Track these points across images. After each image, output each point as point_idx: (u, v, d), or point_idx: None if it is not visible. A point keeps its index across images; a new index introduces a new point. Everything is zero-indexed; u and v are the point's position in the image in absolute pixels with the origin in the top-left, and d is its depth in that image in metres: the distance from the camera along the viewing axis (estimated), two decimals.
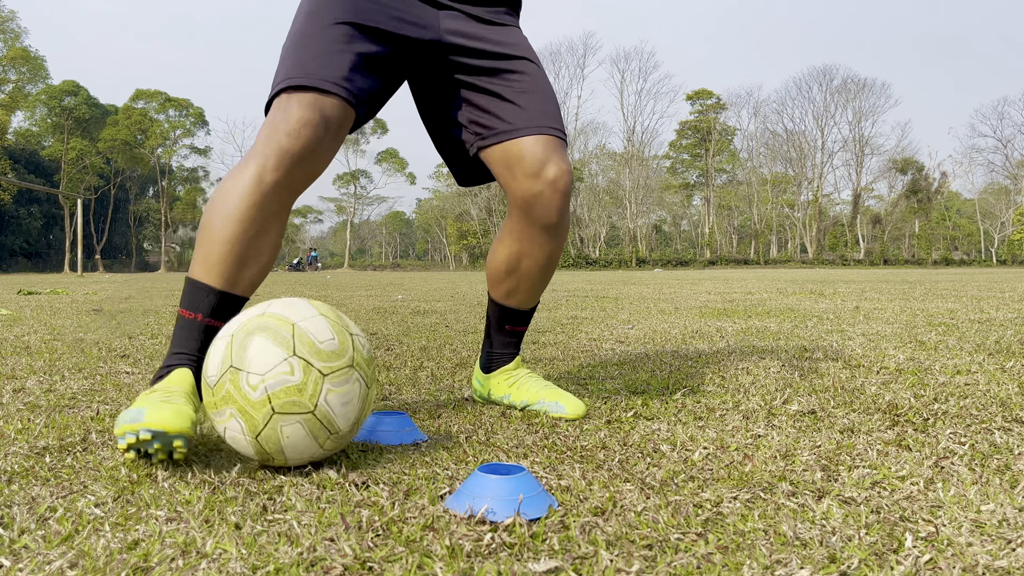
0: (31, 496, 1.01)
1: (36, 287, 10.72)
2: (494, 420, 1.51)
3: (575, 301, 6.34)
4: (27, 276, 28.68)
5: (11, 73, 51.01)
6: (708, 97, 62.34)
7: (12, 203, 46.78)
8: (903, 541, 0.85)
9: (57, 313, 4.97)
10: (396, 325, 3.95)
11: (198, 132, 59.92)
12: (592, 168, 61.50)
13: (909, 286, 9.64)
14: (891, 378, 1.99)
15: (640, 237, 59.81)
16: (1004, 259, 57.96)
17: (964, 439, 1.31)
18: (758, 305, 5.53)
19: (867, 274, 20.90)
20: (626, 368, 2.24)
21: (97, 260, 53.08)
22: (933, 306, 5.23)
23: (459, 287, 10.55)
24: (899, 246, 64.65)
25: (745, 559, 0.80)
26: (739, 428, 1.41)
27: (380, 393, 1.81)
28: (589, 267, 48.65)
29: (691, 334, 3.31)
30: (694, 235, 70.86)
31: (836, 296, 6.88)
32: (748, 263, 54.22)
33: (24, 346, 2.90)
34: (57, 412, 1.58)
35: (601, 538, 0.86)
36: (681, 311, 4.93)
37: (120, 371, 2.21)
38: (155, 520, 0.92)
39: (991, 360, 2.32)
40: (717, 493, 1.02)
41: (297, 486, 1.05)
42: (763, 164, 63.79)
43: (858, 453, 1.23)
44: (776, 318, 4.22)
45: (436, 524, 0.90)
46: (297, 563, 0.78)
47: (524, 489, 0.94)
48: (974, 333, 3.21)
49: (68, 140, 52.40)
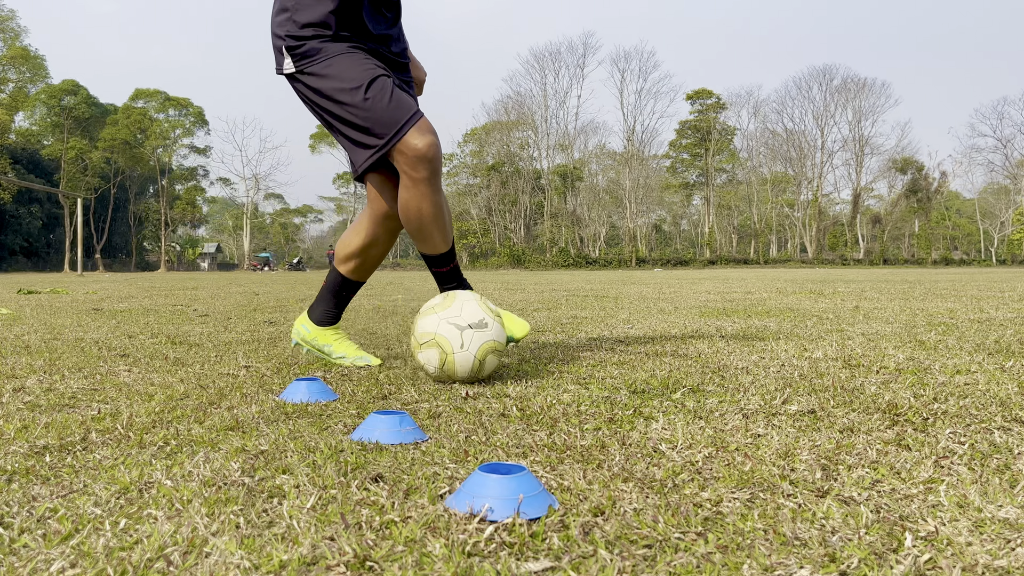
0: (31, 495, 1.01)
1: (36, 286, 10.71)
2: (494, 420, 1.51)
3: (575, 301, 6.34)
4: (27, 275, 28.67)
5: (11, 72, 50.98)
6: (708, 97, 62.33)
7: (12, 202, 46.77)
8: (903, 541, 0.85)
9: (57, 312, 4.97)
10: (396, 325, 3.95)
11: (198, 131, 59.93)
12: (592, 168, 61.51)
13: (909, 286, 9.64)
14: (891, 378, 1.99)
15: (640, 237, 59.82)
16: (1004, 259, 57.96)
17: (964, 439, 1.31)
18: (758, 305, 5.53)
19: (867, 274, 20.90)
20: (626, 368, 2.24)
21: (97, 259, 53.09)
22: (933, 306, 5.24)
23: None
24: (899, 246, 64.66)
25: (745, 559, 0.80)
26: (739, 428, 1.41)
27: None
28: (589, 267, 48.63)
29: (691, 334, 3.31)
30: (694, 235, 70.86)
31: (836, 296, 6.88)
32: (748, 263, 54.21)
33: (24, 345, 2.90)
34: (57, 411, 1.58)
35: (601, 538, 0.86)
36: (681, 311, 4.93)
37: (120, 370, 2.21)
38: (155, 520, 0.92)
39: (991, 360, 2.32)
40: (717, 493, 1.02)
41: (297, 486, 1.05)
42: (763, 164, 63.80)
43: (858, 453, 1.23)
44: (776, 318, 4.22)
45: (436, 523, 0.90)
46: (297, 562, 0.79)
47: (524, 489, 0.94)
48: (974, 333, 3.21)
49: (68, 139, 52.37)
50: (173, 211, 58.94)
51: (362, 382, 2.01)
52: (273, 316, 4.67)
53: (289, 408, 1.62)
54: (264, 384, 1.97)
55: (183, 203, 59.03)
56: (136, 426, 1.44)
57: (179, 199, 59.65)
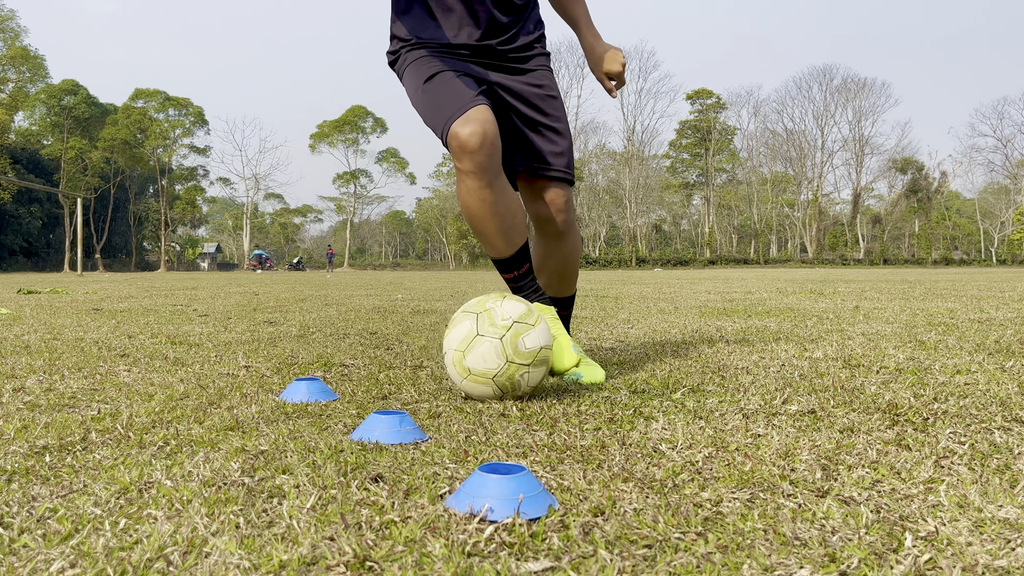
0: (31, 495, 1.01)
1: (36, 286, 10.72)
2: (494, 420, 1.51)
3: (575, 300, 6.34)
4: (27, 275, 28.67)
5: (11, 72, 50.99)
6: (708, 96, 62.32)
7: (12, 202, 46.77)
8: (903, 541, 0.85)
9: (57, 312, 4.97)
10: (396, 325, 3.95)
11: (198, 131, 59.92)
12: (592, 167, 61.49)
13: (909, 286, 9.64)
14: (891, 378, 1.99)
15: (640, 236, 59.80)
16: (1004, 259, 57.96)
17: (964, 439, 1.31)
18: (758, 305, 5.53)
19: (867, 274, 20.90)
20: (626, 368, 2.24)
21: (97, 259, 53.09)
22: (933, 306, 5.24)
23: (459, 286, 10.55)
24: (899, 246, 64.65)
25: (745, 559, 0.80)
26: (739, 428, 1.41)
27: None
28: (589, 266, 48.63)
29: (691, 334, 3.31)
30: (694, 235, 70.86)
31: (836, 296, 6.88)
32: (748, 263, 54.21)
33: (24, 345, 2.90)
34: (57, 411, 1.58)
35: (601, 538, 0.86)
36: (681, 311, 4.93)
37: (119, 370, 2.21)
38: (155, 520, 0.91)
39: (991, 360, 2.32)
40: (717, 493, 1.02)
41: (297, 486, 1.05)
42: (763, 164, 63.81)
43: (858, 453, 1.23)
44: (776, 318, 4.22)
45: (436, 524, 0.90)
46: (297, 562, 0.79)
47: (524, 489, 0.94)
48: (974, 333, 3.21)
49: (68, 139, 52.39)
50: (173, 211, 58.93)
51: (362, 382, 2.01)
52: (273, 316, 4.67)
53: (289, 408, 1.62)
54: (264, 384, 1.97)
55: (183, 203, 59.02)
56: (136, 426, 1.43)
57: (179, 199, 59.63)
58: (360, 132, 64.69)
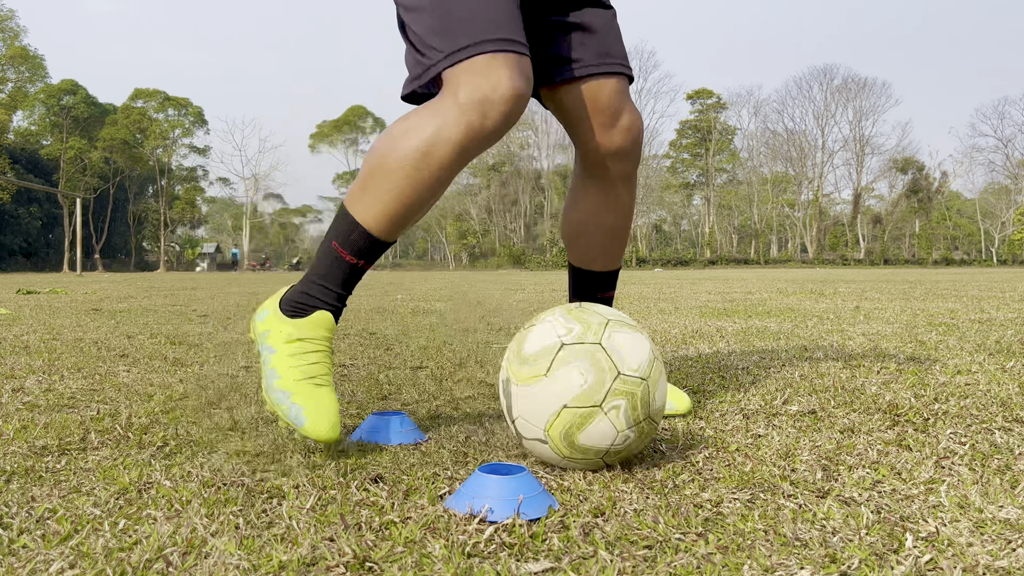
0: (30, 496, 1.01)
1: (35, 286, 10.71)
2: (494, 420, 1.50)
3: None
4: (26, 275, 28.67)
5: (10, 72, 50.99)
6: (708, 96, 62.36)
7: (11, 202, 46.78)
8: (903, 541, 0.84)
9: (56, 313, 4.97)
10: (396, 325, 3.95)
11: (197, 131, 59.94)
12: None
13: (909, 286, 9.64)
14: (891, 378, 1.99)
15: (640, 237, 59.81)
16: (1004, 259, 57.97)
17: (964, 439, 1.31)
18: (758, 305, 5.52)
19: (867, 274, 20.91)
20: None
21: (96, 259, 53.10)
22: (933, 306, 5.23)
23: (459, 287, 10.55)
24: (899, 246, 64.65)
25: (745, 559, 0.80)
26: (739, 428, 1.41)
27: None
28: None
29: (691, 334, 3.31)
30: (694, 235, 70.85)
31: (836, 296, 6.88)
32: (748, 263, 54.22)
33: (23, 345, 2.90)
34: (56, 412, 1.58)
35: (601, 538, 0.86)
36: (681, 311, 4.93)
37: (119, 371, 2.21)
38: (154, 521, 0.91)
39: (991, 360, 2.32)
40: (717, 493, 1.02)
41: (297, 486, 1.05)
42: (763, 164, 63.81)
43: (858, 453, 1.22)
44: (776, 318, 4.22)
45: (436, 524, 0.90)
46: (297, 563, 0.78)
47: (524, 489, 0.94)
48: (974, 333, 3.21)
49: (67, 139, 52.39)
50: (172, 211, 58.94)
51: (362, 382, 2.01)
52: None
53: None
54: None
55: (182, 203, 59.04)
56: (135, 426, 1.43)
57: (178, 199, 59.65)
58: (360, 132, 64.76)
